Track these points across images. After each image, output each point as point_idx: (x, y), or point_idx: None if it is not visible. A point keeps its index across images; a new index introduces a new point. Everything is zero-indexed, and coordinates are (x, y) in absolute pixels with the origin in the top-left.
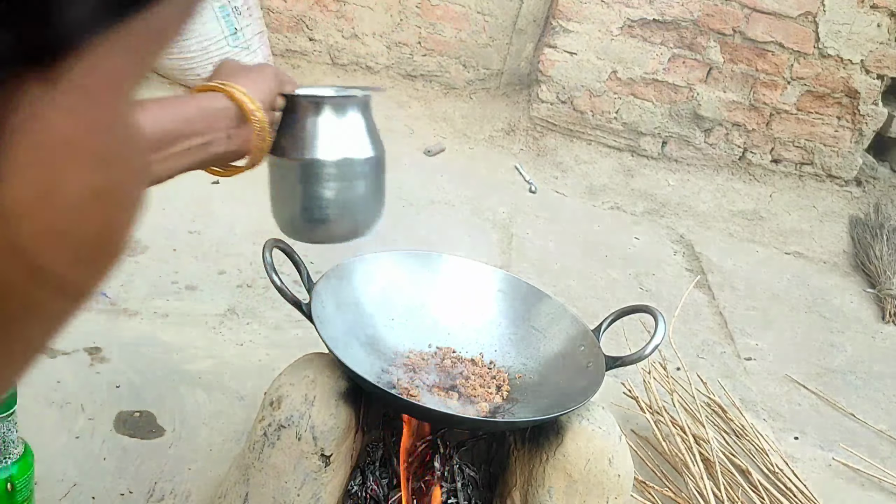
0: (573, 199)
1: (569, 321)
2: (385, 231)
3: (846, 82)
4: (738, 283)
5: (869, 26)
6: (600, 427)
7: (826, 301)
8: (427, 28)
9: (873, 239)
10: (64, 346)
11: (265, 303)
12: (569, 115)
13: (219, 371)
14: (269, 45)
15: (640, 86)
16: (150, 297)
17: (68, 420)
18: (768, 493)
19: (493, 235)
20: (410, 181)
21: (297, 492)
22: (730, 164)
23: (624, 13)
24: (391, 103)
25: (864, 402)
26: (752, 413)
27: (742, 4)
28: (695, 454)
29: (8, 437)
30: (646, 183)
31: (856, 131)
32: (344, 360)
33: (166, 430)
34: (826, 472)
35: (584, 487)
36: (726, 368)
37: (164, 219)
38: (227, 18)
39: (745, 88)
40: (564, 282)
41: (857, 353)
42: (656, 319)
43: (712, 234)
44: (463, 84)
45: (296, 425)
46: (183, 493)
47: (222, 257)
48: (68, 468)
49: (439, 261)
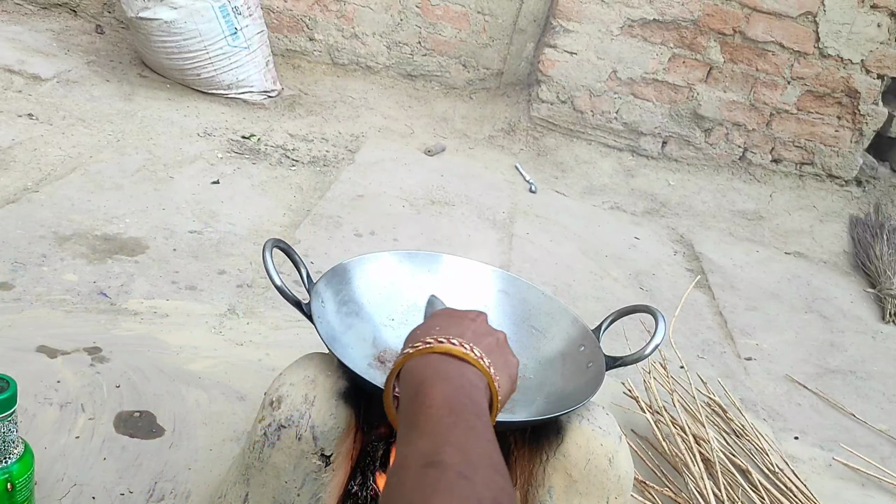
0: (573, 199)
1: (569, 321)
2: (385, 231)
3: (846, 82)
4: (738, 283)
5: (869, 26)
6: (600, 427)
7: (826, 301)
8: (427, 28)
9: (873, 239)
10: (64, 346)
11: (265, 303)
12: (569, 114)
13: (219, 371)
14: (270, 45)
15: (641, 86)
16: (150, 297)
17: (68, 420)
18: (768, 493)
19: (493, 235)
20: (411, 181)
21: (298, 492)
22: (730, 164)
23: (624, 13)
24: (391, 103)
25: (864, 402)
26: (752, 413)
27: (742, 4)
28: (695, 454)
29: (8, 437)
30: (646, 183)
31: (856, 131)
32: (344, 360)
33: (166, 430)
34: (826, 472)
35: (584, 487)
36: (726, 368)
37: (164, 219)
38: (227, 18)
39: (746, 88)
40: (564, 282)
41: (857, 353)
42: (656, 319)
43: (712, 233)
44: (463, 84)
45: (296, 425)
46: (183, 493)
47: (222, 257)
48: (68, 468)
49: (439, 261)
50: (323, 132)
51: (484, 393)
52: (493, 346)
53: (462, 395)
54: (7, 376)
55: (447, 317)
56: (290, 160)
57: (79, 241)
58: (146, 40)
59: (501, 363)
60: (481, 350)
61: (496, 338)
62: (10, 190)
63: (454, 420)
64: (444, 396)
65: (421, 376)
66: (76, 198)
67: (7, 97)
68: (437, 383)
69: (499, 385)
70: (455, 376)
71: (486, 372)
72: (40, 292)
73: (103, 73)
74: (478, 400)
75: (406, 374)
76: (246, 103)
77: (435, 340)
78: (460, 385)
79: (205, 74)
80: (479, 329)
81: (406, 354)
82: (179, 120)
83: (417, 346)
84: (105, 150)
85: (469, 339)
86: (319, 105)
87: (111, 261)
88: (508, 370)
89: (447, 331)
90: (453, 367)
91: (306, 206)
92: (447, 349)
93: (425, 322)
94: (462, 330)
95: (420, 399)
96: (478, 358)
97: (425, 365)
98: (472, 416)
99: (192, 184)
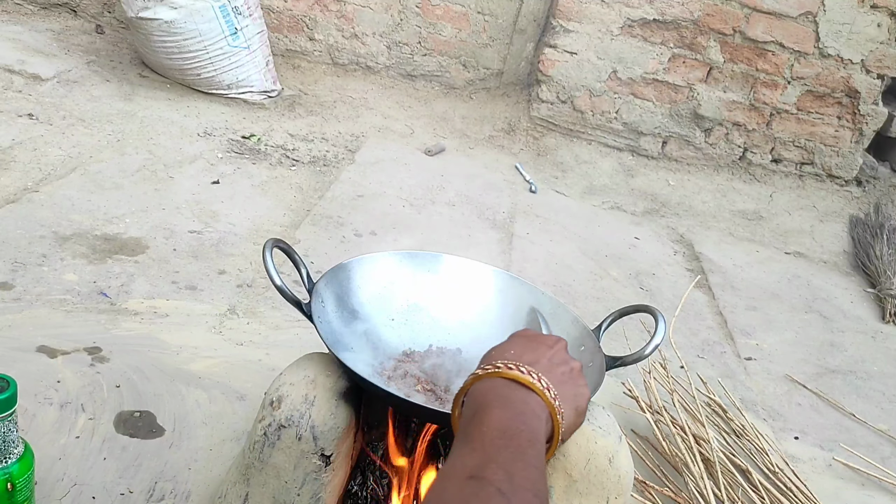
0: (573, 199)
1: (569, 321)
2: (385, 231)
3: (846, 82)
4: (738, 283)
5: (869, 26)
6: (600, 427)
7: (826, 301)
8: (427, 28)
9: (873, 239)
10: (64, 346)
11: (265, 303)
12: (569, 114)
13: (219, 371)
14: (270, 45)
15: (641, 85)
16: (150, 297)
17: (68, 420)
18: (768, 493)
19: (493, 235)
20: (411, 181)
21: (298, 491)
22: (730, 164)
23: (624, 13)
24: (391, 103)
25: (864, 402)
26: (752, 413)
27: (742, 4)
28: (695, 454)
29: (8, 437)
30: (646, 183)
31: (856, 131)
32: (344, 360)
33: (166, 429)
34: (826, 472)
35: (584, 487)
36: (726, 368)
37: (164, 219)
38: (228, 18)
39: (746, 88)
40: (564, 282)
41: (857, 353)
42: (656, 319)
43: (712, 233)
44: (463, 84)
45: (296, 425)
46: (183, 493)
47: (222, 257)
48: (68, 468)
49: (439, 261)
50: (323, 132)
51: (544, 423)
52: (565, 376)
53: (519, 422)
54: (7, 376)
55: (525, 341)
56: (291, 160)
57: (79, 240)
58: (146, 40)
59: (570, 395)
60: (550, 380)
61: (570, 367)
62: (10, 190)
63: (505, 443)
64: (501, 420)
65: (483, 399)
66: (76, 198)
67: (7, 97)
68: (496, 407)
69: (563, 417)
70: (517, 403)
71: (550, 403)
72: (40, 292)
73: (103, 73)
74: (535, 428)
75: (472, 394)
76: (246, 103)
77: (504, 366)
78: (521, 412)
79: (205, 74)
80: (555, 358)
81: (475, 375)
82: (179, 120)
83: (487, 368)
84: (105, 150)
85: (541, 368)
86: (319, 105)
87: (111, 261)
88: (577, 402)
89: (521, 357)
90: (518, 394)
91: (306, 206)
92: (515, 376)
93: (503, 343)
94: (537, 357)
95: (478, 419)
96: (543, 389)
97: (490, 388)
98: (525, 443)
99: (193, 184)
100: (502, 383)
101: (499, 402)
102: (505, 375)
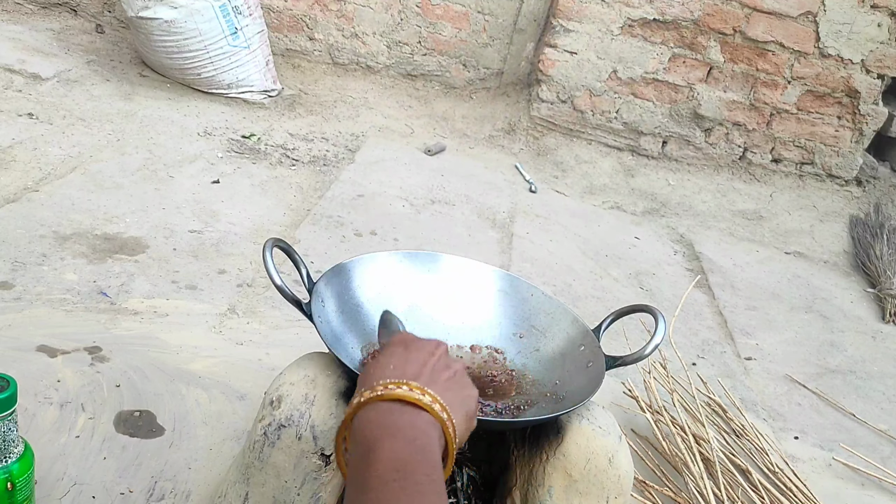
0: (573, 199)
1: (569, 321)
2: (385, 231)
3: (846, 82)
4: (738, 282)
5: (869, 26)
6: (600, 427)
7: (826, 301)
8: (427, 27)
9: (873, 239)
10: (64, 345)
11: (265, 302)
12: (569, 114)
13: (219, 371)
14: (270, 45)
15: (641, 85)
16: (150, 297)
17: (68, 420)
18: (768, 493)
19: (493, 235)
20: (411, 181)
21: (298, 491)
22: (730, 164)
23: (624, 13)
24: (391, 102)
25: (864, 402)
26: (752, 413)
27: (742, 4)
28: (695, 454)
29: (8, 437)
30: (646, 182)
31: (856, 131)
32: (344, 360)
33: (166, 429)
34: (826, 472)
35: (584, 487)
36: (726, 368)
37: (164, 219)
38: (228, 18)
39: (746, 88)
40: (564, 282)
41: (857, 353)
42: (656, 319)
43: (712, 233)
44: (463, 84)
45: (296, 425)
46: (183, 493)
47: (222, 257)
48: (68, 468)
49: (439, 261)
50: (323, 132)
51: (437, 441)
52: (450, 382)
53: (413, 451)
54: (7, 376)
55: (404, 351)
56: (291, 160)
57: (79, 240)
58: (146, 40)
59: (458, 401)
60: (436, 391)
61: (453, 371)
62: (10, 189)
63: (402, 484)
64: (393, 454)
65: (370, 433)
66: (76, 197)
67: (7, 96)
68: (385, 441)
69: (454, 428)
70: (406, 429)
71: (440, 418)
72: (40, 292)
73: (103, 72)
74: (430, 452)
75: (357, 427)
76: (246, 103)
77: (384, 387)
78: (412, 438)
79: (205, 74)
80: (438, 365)
81: (357, 404)
82: (179, 119)
83: (367, 393)
84: (105, 149)
85: (425, 380)
86: (319, 104)
87: (111, 260)
88: (466, 407)
89: (403, 371)
90: (405, 417)
91: (306, 206)
92: (399, 396)
93: (381, 356)
94: (418, 368)
95: (369, 459)
96: (430, 404)
97: (375, 416)
98: (423, 477)
99: (193, 183)
100: (386, 408)
101: (388, 434)
102: (388, 397)
